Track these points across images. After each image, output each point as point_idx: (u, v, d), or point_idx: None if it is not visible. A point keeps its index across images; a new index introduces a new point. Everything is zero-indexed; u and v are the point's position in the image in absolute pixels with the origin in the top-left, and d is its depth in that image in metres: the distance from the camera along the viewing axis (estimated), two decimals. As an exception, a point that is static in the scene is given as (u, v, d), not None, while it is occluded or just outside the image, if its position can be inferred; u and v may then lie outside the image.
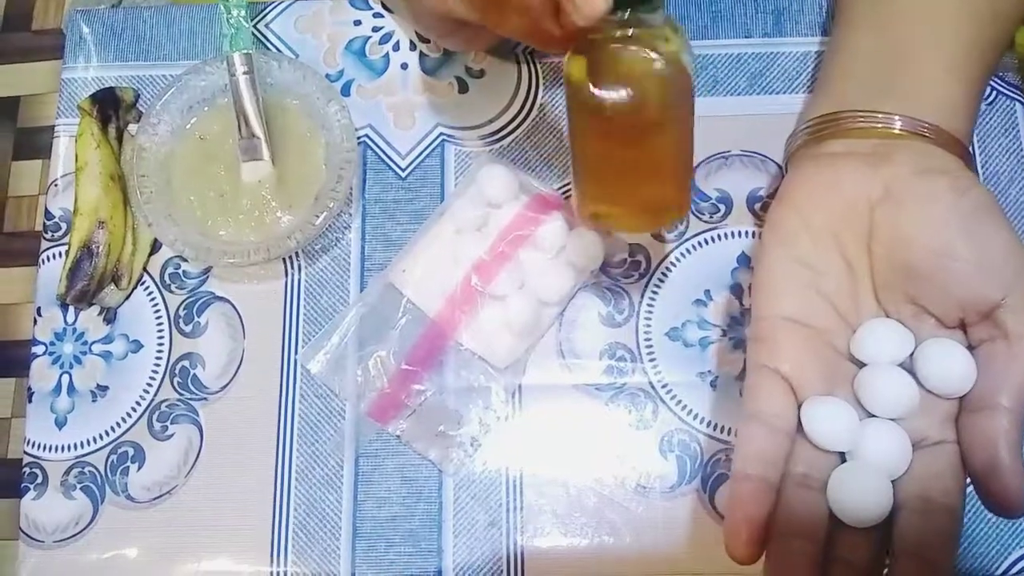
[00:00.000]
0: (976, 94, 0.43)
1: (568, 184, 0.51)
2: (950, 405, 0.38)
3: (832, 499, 0.37)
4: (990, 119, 0.50)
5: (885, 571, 0.35)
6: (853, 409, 0.38)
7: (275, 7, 0.55)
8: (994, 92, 0.51)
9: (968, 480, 0.36)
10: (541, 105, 0.52)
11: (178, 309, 0.51)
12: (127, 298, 0.51)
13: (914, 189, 0.39)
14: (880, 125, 0.41)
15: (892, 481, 0.37)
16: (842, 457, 0.38)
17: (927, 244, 0.38)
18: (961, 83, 0.42)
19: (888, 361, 0.38)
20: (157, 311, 0.51)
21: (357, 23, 0.55)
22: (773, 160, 0.50)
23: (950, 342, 0.38)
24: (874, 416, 0.38)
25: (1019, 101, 0.51)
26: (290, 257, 0.51)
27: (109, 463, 0.49)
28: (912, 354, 0.38)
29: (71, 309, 0.51)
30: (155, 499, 0.48)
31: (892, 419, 0.38)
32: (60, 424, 0.49)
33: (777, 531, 0.36)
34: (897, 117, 0.40)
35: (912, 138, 0.40)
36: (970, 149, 0.42)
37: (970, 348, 0.38)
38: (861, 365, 0.39)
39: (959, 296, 0.37)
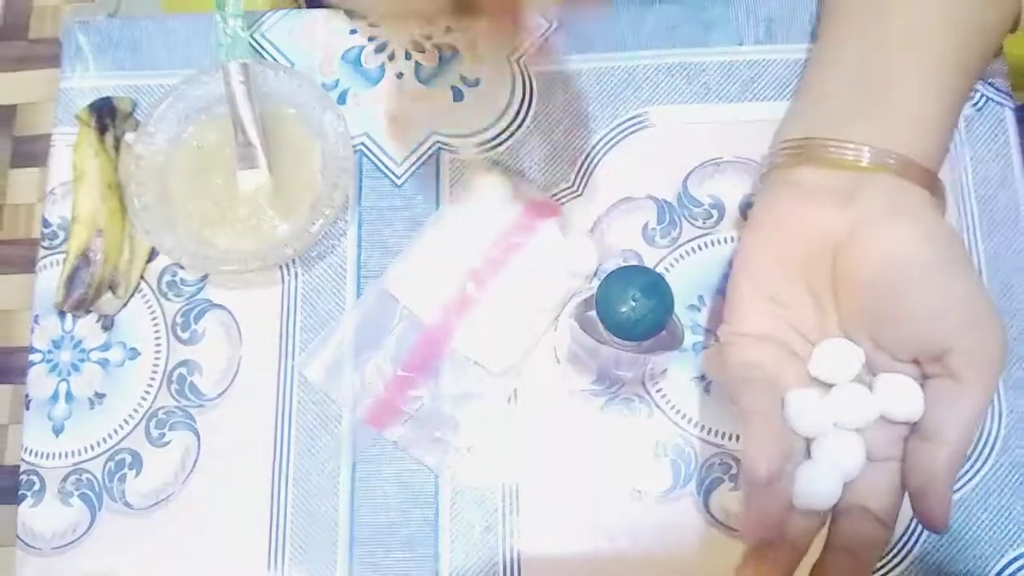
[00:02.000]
0: (955, 106, 0.44)
1: (563, 191, 0.51)
2: (903, 426, 0.40)
3: (795, 488, 0.40)
4: (980, 124, 0.51)
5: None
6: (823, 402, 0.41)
7: (271, 17, 0.56)
8: (984, 98, 0.51)
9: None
10: (535, 114, 0.53)
11: (175, 316, 0.51)
12: (124, 306, 0.51)
13: (878, 234, 0.40)
14: (850, 156, 0.42)
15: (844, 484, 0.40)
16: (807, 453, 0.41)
17: (885, 288, 0.40)
18: (940, 96, 0.43)
19: (841, 378, 0.41)
20: (154, 319, 0.51)
21: (353, 32, 0.55)
22: (765, 166, 0.51)
23: (902, 378, 0.40)
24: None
25: (1008, 107, 0.51)
26: (287, 264, 0.51)
27: (107, 470, 0.49)
28: (870, 382, 0.41)
29: (69, 317, 0.51)
30: (152, 506, 0.48)
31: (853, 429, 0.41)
32: (58, 431, 0.50)
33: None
34: (867, 149, 0.41)
35: (881, 171, 0.41)
36: (941, 170, 0.43)
37: (925, 378, 0.40)
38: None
39: (912, 339, 0.40)
